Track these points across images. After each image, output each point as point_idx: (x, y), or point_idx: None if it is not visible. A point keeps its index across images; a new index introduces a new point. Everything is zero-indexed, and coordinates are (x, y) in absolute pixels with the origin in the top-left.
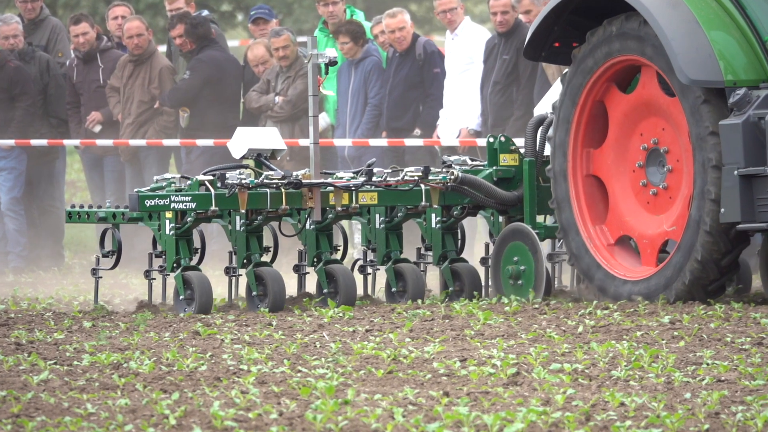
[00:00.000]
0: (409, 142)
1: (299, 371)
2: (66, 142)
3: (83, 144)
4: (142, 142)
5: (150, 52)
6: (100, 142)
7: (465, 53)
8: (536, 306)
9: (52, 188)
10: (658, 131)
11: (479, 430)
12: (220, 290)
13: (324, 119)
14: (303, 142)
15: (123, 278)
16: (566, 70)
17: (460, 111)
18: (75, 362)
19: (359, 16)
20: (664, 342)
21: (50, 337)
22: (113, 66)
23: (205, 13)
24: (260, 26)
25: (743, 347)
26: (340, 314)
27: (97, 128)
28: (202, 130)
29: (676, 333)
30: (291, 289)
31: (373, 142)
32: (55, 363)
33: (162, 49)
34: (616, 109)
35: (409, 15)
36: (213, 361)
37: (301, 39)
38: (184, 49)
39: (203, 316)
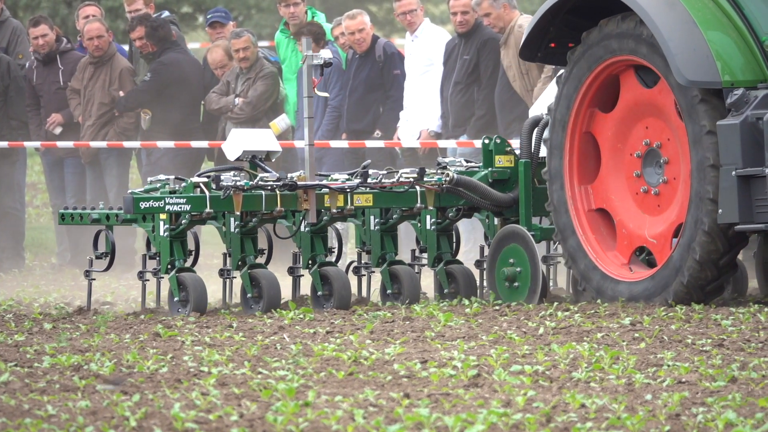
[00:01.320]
0: (369, 143)
1: (260, 373)
2: (26, 144)
3: (44, 146)
4: (102, 144)
5: (110, 54)
6: (60, 144)
7: (425, 55)
8: (496, 308)
9: (13, 190)
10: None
11: (440, 431)
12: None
13: (284, 121)
14: None
15: (83, 280)
16: (561, 71)
17: (421, 112)
18: (35, 364)
19: (320, 17)
20: (624, 343)
21: (11, 339)
22: (73, 68)
23: (166, 14)
24: (217, 30)
25: (704, 349)
26: (301, 316)
27: (58, 130)
28: (163, 132)
29: (636, 334)
30: (285, 291)
31: (334, 143)
32: (16, 365)
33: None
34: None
35: (368, 17)
36: (174, 363)
37: (262, 44)
38: (144, 51)
39: (164, 318)
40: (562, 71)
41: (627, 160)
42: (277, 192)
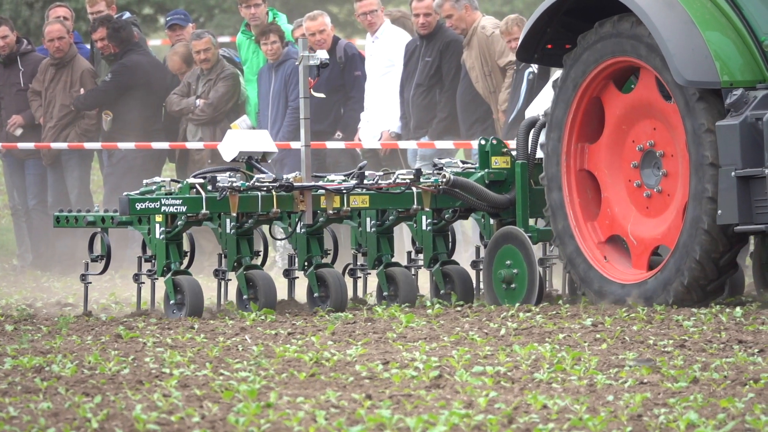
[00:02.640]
0: (330, 145)
1: (221, 374)
2: None
3: (4, 147)
4: (63, 145)
5: (71, 56)
6: (21, 145)
7: (385, 56)
8: (458, 309)
9: None
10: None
11: None
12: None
13: (245, 122)
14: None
15: (45, 281)
16: (555, 75)
17: (382, 114)
18: None
19: (281, 18)
20: (586, 344)
21: None
22: (34, 69)
23: (127, 15)
24: (176, 32)
25: (666, 349)
26: (262, 317)
27: (19, 132)
28: (124, 133)
29: (598, 335)
30: (281, 293)
31: (295, 144)
32: None
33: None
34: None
35: (329, 18)
36: (135, 365)
37: (223, 40)
38: (105, 52)
39: (125, 319)
40: (557, 75)
41: (626, 161)
42: (274, 193)
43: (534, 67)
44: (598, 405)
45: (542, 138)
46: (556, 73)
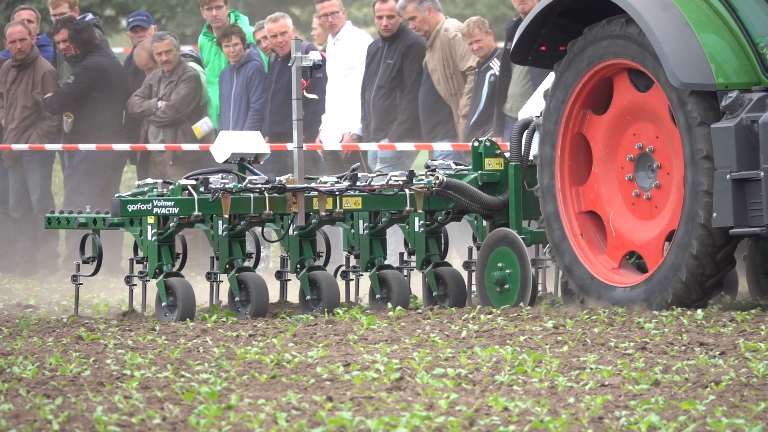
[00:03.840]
0: (291, 146)
1: (183, 376)
2: None
3: None
4: (24, 147)
5: (33, 57)
6: None
7: (346, 58)
8: (420, 311)
9: None
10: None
11: None
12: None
13: (207, 124)
14: (185, 146)
15: (6, 283)
16: (546, 81)
17: (343, 115)
18: None
19: (243, 20)
20: (547, 347)
21: None
22: None
23: (89, 17)
24: (138, 33)
25: (627, 352)
26: (223, 319)
27: None
28: (86, 135)
29: (559, 338)
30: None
31: None
32: None
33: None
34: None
35: (291, 20)
36: (96, 366)
37: (186, 47)
38: (68, 54)
39: (87, 321)
40: (547, 82)
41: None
42: (266, 195)
43: (495, 69)
44: (559, 407)
45: (534, 146)
46: (547, 79)
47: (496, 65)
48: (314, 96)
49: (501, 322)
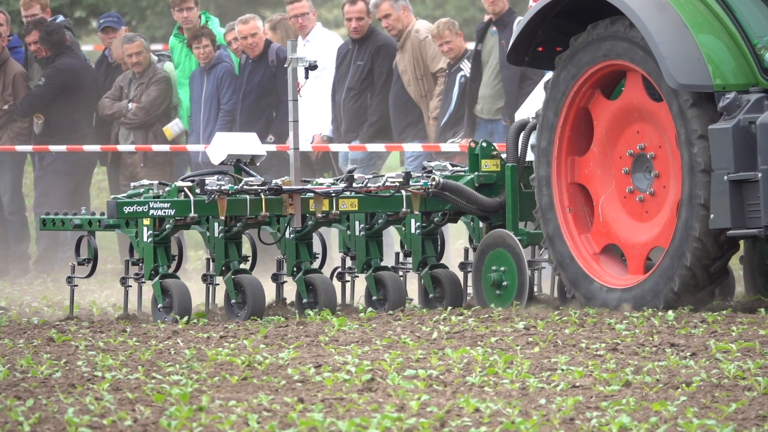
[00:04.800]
0: (271, 147)
1: (154, 378)
2: None
3: None
4: None
5: (4, 59)
6: None
7: (317, 59)
8: (391, 312)
9: None
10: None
11: None
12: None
13: (178, 125)
14: (156, 147)
15: None
16: (548, 76)
17: (313, 117)
18: None
19: (214, 22)
20: (518, 348)
21: None
22: None
23: (60, 19)
24: (109, 34)
25: (598, 353)
26: (195, 320)
27: None
28: (56, 136)
29: (530, 339)
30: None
31: None
32: None
33: None
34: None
35: (261, 21)
36: (67, 368)
37: (156, 47)
38: (38, 56)
39: (59, 323)
40: (549, 76)
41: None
42: (262, 196)
43: (466, 71)
44: (531, 408)
45: (533, 139)
46: (548, 75)
47: (466, 67)
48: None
49: (472, 323)
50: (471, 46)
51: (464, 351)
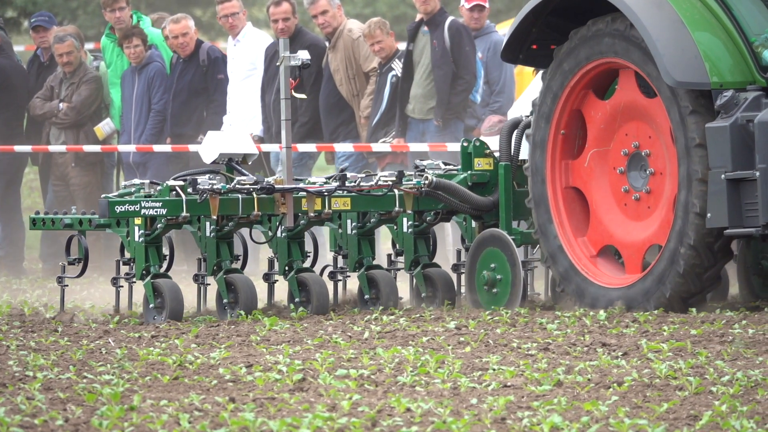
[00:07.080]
0: (193, 148)
1: (85, 377)
2: None
3: None
4: None
5: None
6: None
7: (247, 59)
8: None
9: None
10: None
11: None
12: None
13: (109, 125)
14: (87, 148)
15: None
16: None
17: (244, 117)
18: None
19: (145, 21)
20: (450, 347)
21: None
22: None
23: None
24: (40, 34)
25: (529, 353)
26: (126, 320)
27: None
28: None
29: (462, 338)
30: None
31: (158, 148)
32: None
33: None
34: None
35: (193, 21)
36: None
37: (88, 46)
38: None
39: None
40: (540, 73)
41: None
42: (255, 195)
43: (397, 70)
44: (462, 408)
45: (529, 130)
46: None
47: (397, 66)
48: (303, 96)
49: (403, 323)
50: (402, 46)
51: (396, 351)
